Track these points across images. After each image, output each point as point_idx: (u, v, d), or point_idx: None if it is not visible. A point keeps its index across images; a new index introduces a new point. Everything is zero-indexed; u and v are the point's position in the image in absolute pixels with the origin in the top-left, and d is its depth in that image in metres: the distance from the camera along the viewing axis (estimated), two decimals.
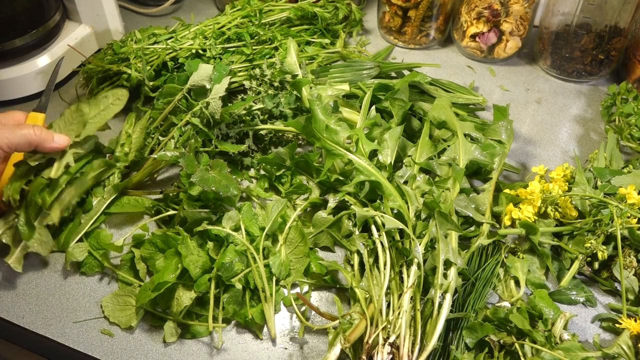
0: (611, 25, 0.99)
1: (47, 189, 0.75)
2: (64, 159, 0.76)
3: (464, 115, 0.94)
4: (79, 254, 0.75)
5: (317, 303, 0.74)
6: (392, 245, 0.72)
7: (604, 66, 1.05)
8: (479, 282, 0.73)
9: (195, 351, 0.69)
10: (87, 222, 0.78)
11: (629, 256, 0.73)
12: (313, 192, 0.83)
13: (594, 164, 0.86)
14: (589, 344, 0.70)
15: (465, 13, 1.06)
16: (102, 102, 0.81)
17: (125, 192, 0.83)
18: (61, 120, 0.79)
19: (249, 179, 0.88)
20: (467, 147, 0.82)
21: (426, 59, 1.12)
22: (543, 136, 0.97)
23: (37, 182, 0.74)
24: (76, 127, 0.79)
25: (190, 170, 0.74)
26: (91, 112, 0.80)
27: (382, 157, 0.80)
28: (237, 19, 1.05)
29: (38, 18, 0.99)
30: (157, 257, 0.75)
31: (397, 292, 0.69)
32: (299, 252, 0.75)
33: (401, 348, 0.63)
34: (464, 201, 0.77)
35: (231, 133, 0.87)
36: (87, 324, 0.71)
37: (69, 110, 0.79)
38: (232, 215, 0.75)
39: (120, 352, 0.69)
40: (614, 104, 1.00)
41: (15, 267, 0.73)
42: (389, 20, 1.13)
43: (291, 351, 0.69)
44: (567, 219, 0.78)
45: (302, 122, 0.80)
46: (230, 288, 0.71)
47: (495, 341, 0.67)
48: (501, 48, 1.08)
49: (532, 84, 1.08)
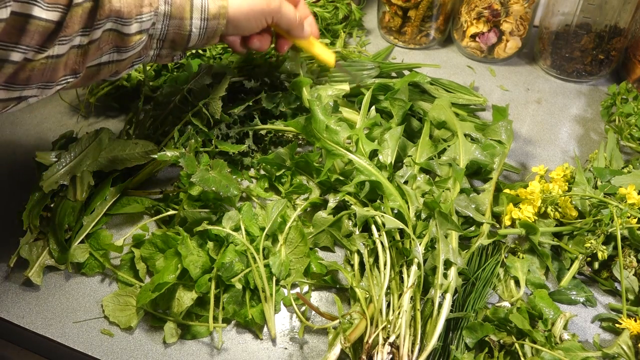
0: (611, 25, 0.99)
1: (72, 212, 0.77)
2: (85, 180, 0.78)
3: (464, 116, 0.94)
4: (80, 255, 0.75)
5: (317, 303, 0.74)
6: (392, 245, 0.72)
7: (604, 66, 1.05)
8: (479, 282, 0.73)
9: (195, 351, 0.69)
10: (89, 224, 0.78)
11: (629, 256, 0.73)
12: (313, 192, 0.83)
13: (594, 164, 0.86)
14: (589, 344, 0.70)
15: (465, 13, 1.06)
16: (129, 146, 0.81)
17: (125, 192, 0.83)
18: (78, 144, 0.80)
19: (249, 179, 0.88)
20: (467, 147, 0.82)
21: (426, 59, 1.12)
22: (543, 136, 0.97)
23: (63, 205, 0.76)
24: (92, 154, 0.80)
25: (191, 170, 0.74)
26: (115, 149, 0.80)
27: (383, 157, 0.80)
28: None
29: None
30: (157, 257, 0.75)
31: (397, 292, 0.69)
32: (299, 252, 0.75)
33: (401, 348, 0.63)
34: (464, 201, 0.78)
35: (231, 133, 0.87)
36: (87, 324, 0.71)
37: (88, 137, 0.80)
38: (232, 215, 0.75)
39: (120, 352, 0.69)
40: (614, 104, 1.00)
41: (36, 281, 0.74)
42: (389, 20, 1.13)
43: (291, 351, 0.69)
44: (567, 219, 0.78)
45: (302, 122, 0.81)
46: (230, 288, 0.71)
47: (495, 341, 0.67)
48: (501, 48, 1.08)
49: (532, 84, 1.08)
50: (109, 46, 0.64)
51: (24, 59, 0.57)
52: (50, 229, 0.76)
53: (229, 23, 0.72)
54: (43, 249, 0.75)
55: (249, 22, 0.74)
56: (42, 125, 0.98)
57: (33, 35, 0.56)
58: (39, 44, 0.57)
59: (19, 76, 0.58)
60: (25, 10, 0.55)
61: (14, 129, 0.97)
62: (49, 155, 0.79)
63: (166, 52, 0.71)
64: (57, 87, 0.62)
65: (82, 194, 0.78)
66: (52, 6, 0.56)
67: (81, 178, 0.78)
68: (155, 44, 0.69)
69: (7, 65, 0.56)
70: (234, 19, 0.72)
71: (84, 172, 0.78)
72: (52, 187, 0.76)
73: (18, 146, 0.94)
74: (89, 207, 0.79)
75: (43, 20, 0.56)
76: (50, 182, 0.77)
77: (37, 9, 0.55)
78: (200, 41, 0.71)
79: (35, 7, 0.55)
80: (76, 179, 0.78)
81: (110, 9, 0.60)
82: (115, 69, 0.68)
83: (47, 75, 0.60)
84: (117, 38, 0.63)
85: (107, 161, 0.80)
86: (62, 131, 0.87)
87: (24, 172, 0.89)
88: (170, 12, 0.67)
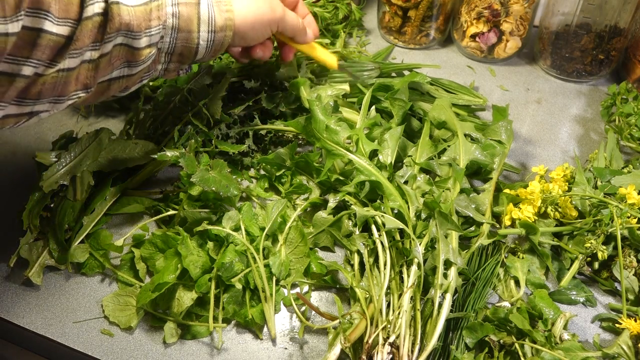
0: (611, 25, 0.99)
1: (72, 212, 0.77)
2: (85, 180, 0.78)
3: (464, 116, 0.94)
4: (80, 255, 0.75)
5: (317, 303, 0.74)
6: (392, 245, 0.72)
7: (604, 66, 1.05)
8: (479, 282, 0.73)
9: (195, 351, 0.69)
10: (89, 224, 0.78)
11: (629, 256, 0.73)
12: (313, 192, 0.83)
13: (594, 164, 0.86)
14: (589, 344, 0.70)
15: (465, 13, 1.06)
16: (129, 146, 0.81)
17: (126, 192, 0.83)
18: (78, 144, 0.80)
19: (249, 179, 0.88)
20: (467, 147, 0.82)
21: (426, 59, 1.12)
22: (543, 136, 0.97)
23: (63, 205, 0.76)
24: (92, 154, 0.79)
25: (191, 170, 0.74)
26: (115, 149, 0.80)
27: (383, 157, 0.80)
28: None
29: None
30: (157, 257, 0.75)
31: (397, 292, 0.69)
32: (299, 252, 0.75)
33: (401, 348, 0.63)
34: (464, 201, 0.78)
35: (231, 133, 0.87)
36: (87, 324, 0.71)
37: (88, 137, 0.80)
38: (232, 215, 0.75)
39: (120, 352, 0.69)
40: (614, 104, 1.00)
41: (36, 281, 0.74)
42: (389, 20, 1.13)
43: (291, 351, 0.69)
44: (567, 219, 0.78)
45: (302, 122, 0.81)
46: (230, 288, 0.71)
47: (495, 341, 0.67)
48: (501, 48, 1.08)
49: (532, 84, 1.08)
50: (120, 61, 0.64)
51: (35, 74, 0.57)
52: (50, 229, 0.76)
53: (236, 34, 0.72)
54: (43, 249, 0.75)
55: (255, 32, 0.74)
56: (42, 125, 0.98)
57: (44, 50, 0.55)
58: (49, 58, 0.57)
59: (31, 91, 0.58)
60: (37, 24, 0.54)
61: (14, 129, 0.97)
62: (49, 155, 0.79)
63: (174, 65, 0.71)
64: (69, 101, 0.62)
65: (82, 194, 0.78)
66: (62, 20, 0.56)
67: (81, 178, 0.78)
68: (163, 57, 0.69)
69: (19, 79, 0.56)
70: (240, 30, 0.72)
71: (84, 172, 0.78)
72: (52, 187, 0.76)
73: (18, 146, 0.94)
74: (89, 207, 0.79)
75: (54, 34, 0.56)
76: (50, 182, 0.77)
77: (48, 23, 0.55)
78: (208, 54, 0.71)
79: (46, 21, 0.55)
80: (76, 179, 0.78)
81: (120, 22, 0.60)
82: (125, 84, 0.68)
83: (58, 90, 0.60)
84: (127, 52, 0.63)
85: (107, 161, 0.80)
86: (62, 131, 0.87)
87: (24, 172, 0.89)
88: (178, 25, 0.66)
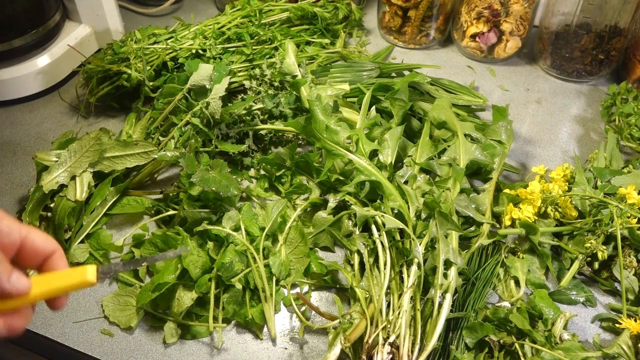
0: (611, 25, 0.99)
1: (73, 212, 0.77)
2: (85, 180, 0.78)
3: (464, 116, 0.94)
4: (80, 255, 0.75)
5: (317, 303, 0.74)
6: (392, 245, 0.72)
7: (604, 66, 1.05)
8: (479, 282, 0.73)
9: (195, 351, 0.69)
10: (89, 224, 0.78)
11: (629, 256, 0.73)
12: (313, 192, 0.83)
13: (594, 164, 0.86)
14: (589, 344, 0.70)
15: (465, 13, 1.06)
16: (129, 146, 0.81)
17: (126, 192, 0.83)
18: (78, 144, 0.80)
19: (249, 179, 0.88)
20: (467, 147, 0.82)
21: (426, 59, 1.12)
22: (543, 136, 0.97)
23: (63, 205, 0.76)
24: (92, 154, 0.79)
25: (191, 170, 0.74)
26: (115, 149, 0.80)
27: (383, 157, 0.80)
28: (237, 19, 1.05)
29: (38, 18, 0.99)
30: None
31: (397, 292, 0.69)
32: (299, 252, 0.75)
33: (401, 348, 0.63)
34: (464, 201, 0.77)
35: (231, 133, 0.87)
36: (87, 324, 0.71)
37: (88, 137, 0.80)
38: (232, 215, 0.75)
39: (120, 352, 0.69)
40: (614, 104, 1.00)
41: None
42: (389, 20, 1.13)
43: (291, 351, 0.69)
44: (567, 219, 0.78)
45: (302, 122, 0.80)
46: (230, 288, 0.71)
47: (495, 341, 0.67)
48: (501, 48, 1.08)
49: (532, 84, 1.08)
50: None
51: None
52: (50, 229, 0.76)
53: None
54: None
55: None
56: (42, 125, 0.98)
57: None
58: None
59: None
60: None
61: (14, 129, 0.97)
62: (49, 155, 0.79)
63: None
64: None
65: (82, 194, 0.78)
66: None
67: (81, 178, 0.78)
68: None
69: None
70: None
71: (84, 172, 0.78)
72: (52, 187, 0.76)
73: (18, 146, 0.94)
74: (89, 207, 0.79)
75: None
76: (50, 182, 0.77)
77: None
78: None
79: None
80: (76, 179, 0.78)
81: None
82: None
83: None
84: None
85: (107, 161, 0.80)
86: (62, 131, 0.87)
87: (24, 172, 0.89)
88: None
